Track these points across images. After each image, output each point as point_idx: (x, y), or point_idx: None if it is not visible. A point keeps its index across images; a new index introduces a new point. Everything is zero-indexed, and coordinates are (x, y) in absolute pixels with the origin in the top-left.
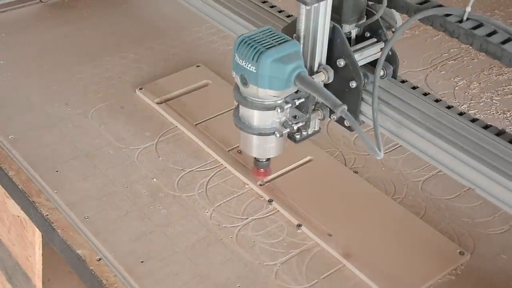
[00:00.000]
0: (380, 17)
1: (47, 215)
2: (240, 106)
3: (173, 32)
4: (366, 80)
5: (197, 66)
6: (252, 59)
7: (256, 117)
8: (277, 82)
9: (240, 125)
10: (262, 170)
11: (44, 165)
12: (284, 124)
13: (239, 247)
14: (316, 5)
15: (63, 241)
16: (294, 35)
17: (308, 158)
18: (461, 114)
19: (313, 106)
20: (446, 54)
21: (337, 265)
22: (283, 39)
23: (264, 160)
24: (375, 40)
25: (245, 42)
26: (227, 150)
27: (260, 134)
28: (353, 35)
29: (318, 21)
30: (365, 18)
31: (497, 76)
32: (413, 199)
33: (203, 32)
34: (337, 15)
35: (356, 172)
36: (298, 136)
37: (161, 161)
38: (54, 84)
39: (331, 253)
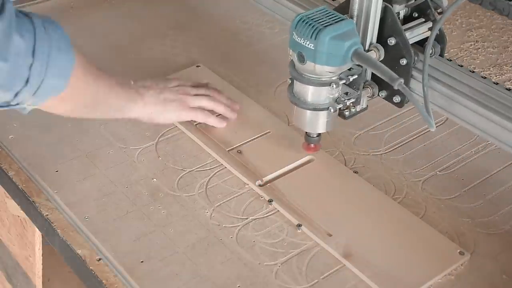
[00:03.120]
0: None
1: (47, 215)
2: (295, 82)
3: (173, 32)
4: (416, 58)
5: (197, 66)
6: (311, 37)
7: (310, 93)
8: (334, 59)
9: (295, 101)
10: (312, 145)
11: (44, 165)
12: (337, 100)
13: (239, 247)
14: None
15: (63, 241)
16: (346, 15)
17: (308, 158)
18: (509, 89)
19: (363, 84)
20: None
21: (337, 265)
22: (339, 17)
23: (315, 136)
24: (423, 20)
25: (303, 21)
26: (227, 150)
27: (314, 109)
28: (402, 15)
29: (371, 1)
30: None
31: (497, 76)
32: (413, 199)
33: (203, 32)
34: None
35: (356, 172)
36: (347, 113)
37: (161, 161)
38: None
39: (331, 253)
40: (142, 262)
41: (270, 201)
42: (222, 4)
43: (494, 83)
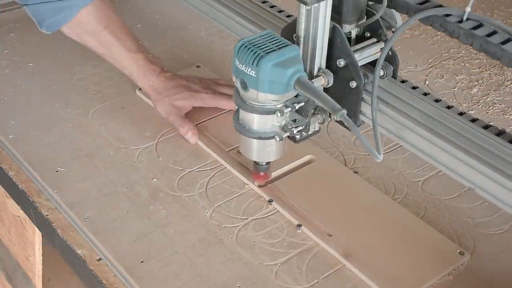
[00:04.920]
0: (380, 17)
1: (47, 215)
2: (240, 110)
3: (173, 32)
4: (366, 80)
5: (197, 66)
6: (252, 64)
7: (256, 121)
8: (277, 87)
9: (240, 129)
10: (262, 173)
11: (44, 165)
12: (284, 128)
13: (239, 247)
14: (316, 5)
15: (63, 241)
16: (294, 35)
17: (308, 158)
18: (461, 114)
19: (313, 110)
20: (446, 54)
21: (337, 265)
22: (283, 43)
23: (264, 164)
24: (375, 40)
25: (245, 47)
26: (227, 150)
27: (260, 138)
28: (353, 35)
29: (318, 21)
30: (365, 18)
31: (497, 76)
32: (413, 199)
33: (203, 32)
34: (337, 15)
35: (356, 172)
36: (298, 136)
37: (161, 161)
38: (54, 84)
39: (331, 253)
40: (142, 262)
41: (270, 201)
42: None
43: (447, 107)
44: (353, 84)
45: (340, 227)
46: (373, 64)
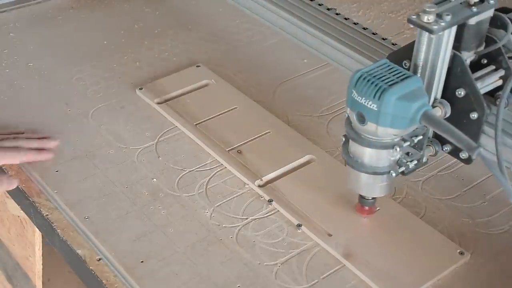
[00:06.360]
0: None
1: (47, 215)
2: (352, 143)
3: (173, 32)
4: (489, 111)
5: (197, 66)
6: (374, 97)
7: (370, 155)
8: (400, 121)
9: (351, 163)
10: (366, 208)
11: (44, 165)
12: (398, 162)
13: (239, 247)
14: (440, 33)
15: (63, 241)
16: (404, 62)
17: (308, 158)
18: None
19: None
20: None
21: (337, 265)
22: (404, 74)
23: (370, 199)
24: (494, 67)
25: (364, 78)
26: (227, 150)
27: (374, 173)
28: (468, 62)
29: (439, 49)
30: (484, 45)
31: None
32: (413, 199)
33: (203, 32)
34: (456, 42)
35: None
36: (405, 170)
37: (161, 161)
38: (54, 84)
39: (331, 253)
40: (142, 262)
41: (270, 201)
42: (222, 4)
43: None
44: (474, 115)
45: (340, 227)
46: (489, 93)
